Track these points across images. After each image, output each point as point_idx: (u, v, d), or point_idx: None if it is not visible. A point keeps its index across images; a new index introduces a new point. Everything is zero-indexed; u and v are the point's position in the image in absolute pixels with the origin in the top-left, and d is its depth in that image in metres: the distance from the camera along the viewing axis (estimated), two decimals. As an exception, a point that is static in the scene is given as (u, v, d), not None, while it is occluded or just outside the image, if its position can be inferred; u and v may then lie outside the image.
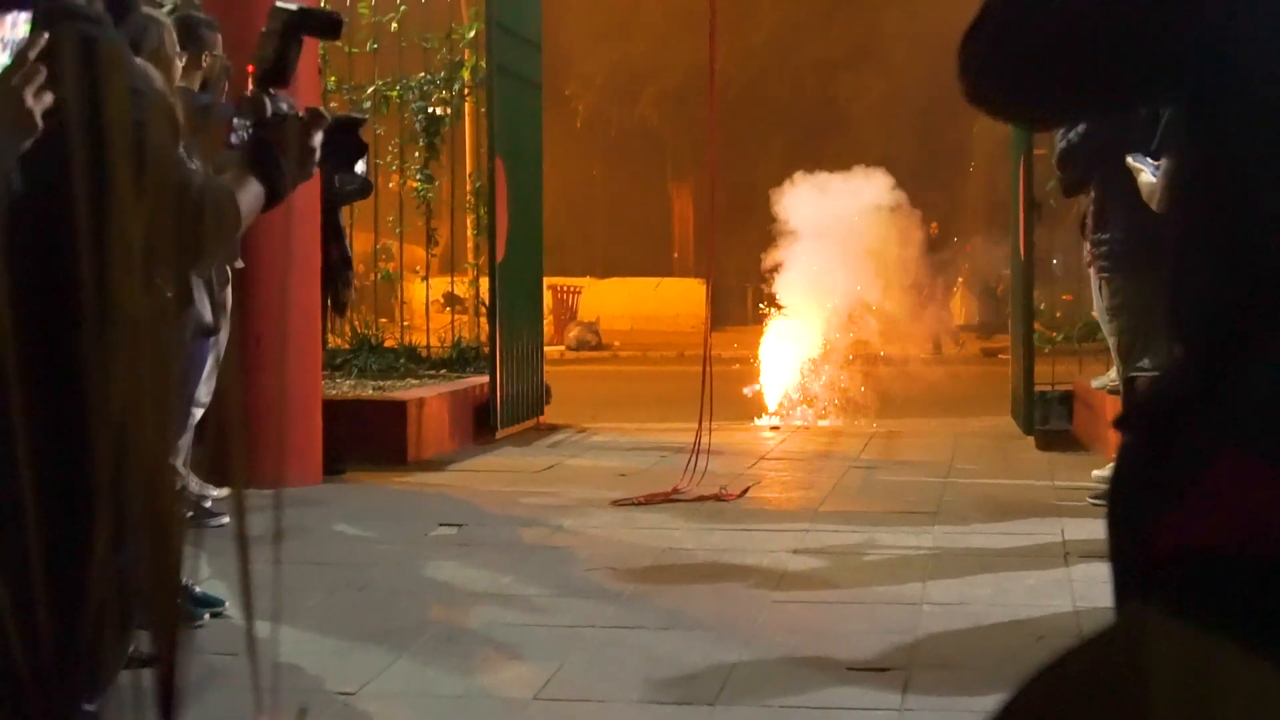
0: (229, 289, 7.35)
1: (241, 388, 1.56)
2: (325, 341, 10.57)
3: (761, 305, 17.49)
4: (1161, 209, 7.35)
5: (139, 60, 4.73)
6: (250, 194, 3.31)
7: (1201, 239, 1.78)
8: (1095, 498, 8.28)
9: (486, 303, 11.88)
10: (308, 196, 9.05)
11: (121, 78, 2.38)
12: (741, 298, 28.83)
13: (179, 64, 6.34)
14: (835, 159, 16.16)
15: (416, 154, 13.17)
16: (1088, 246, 8.74)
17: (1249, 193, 1.72)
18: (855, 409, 14.70)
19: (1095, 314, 9.74)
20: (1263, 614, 1.56)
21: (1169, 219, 1.94)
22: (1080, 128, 8.06)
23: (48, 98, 2.86)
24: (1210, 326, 1.74)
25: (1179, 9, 1.71)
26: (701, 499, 8.65)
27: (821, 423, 14.17)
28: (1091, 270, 8.78)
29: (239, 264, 7.44)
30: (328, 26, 4.12)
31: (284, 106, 3.91)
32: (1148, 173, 7.57)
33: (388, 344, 13.02)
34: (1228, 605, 1.57)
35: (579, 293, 31.08)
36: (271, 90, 3.75)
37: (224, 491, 7.60)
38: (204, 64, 7.37)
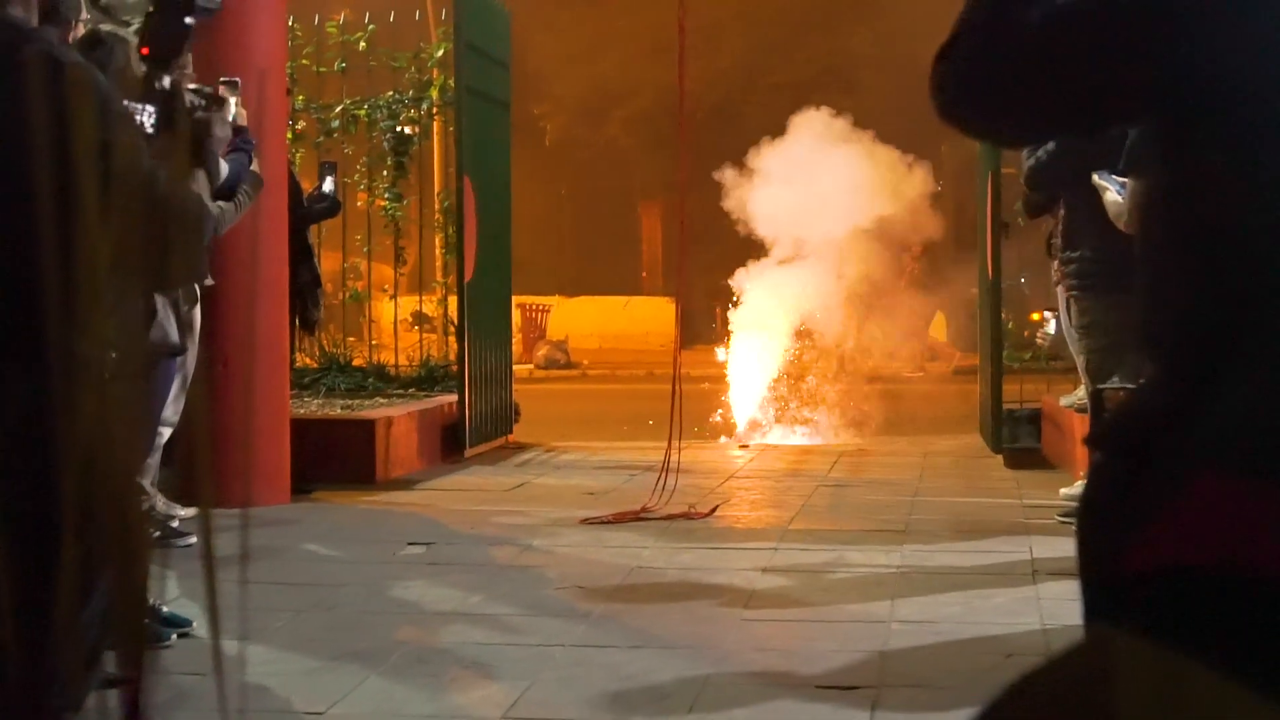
0: (197, 308, 7.34)
1: (209, 408, 1.56)
2: (294, 361, 10.55)
3: (715, 325, 17.54)
4: (1129, 228, 7.38)
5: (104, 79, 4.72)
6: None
7: (1175, 258, 1.79)
8: (1063, 516, 8.30)
9: (455, 322, 11.86)
10: (275, 216, 9.04)
11: (89, 99, 2.37)
12: (710, 317, 28.84)
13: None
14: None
15: (385, 173, 13.16)
16: (1056, 265, 8.77)
17: (1222, 211, 1.72)
18: (825, 427, 14.70)
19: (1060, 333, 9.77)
20: (1238, 631, 1.56)
21: (1142, 238, 1.94)
22: (1049, 146, 8.08)
23: None
24: (1185, 345, 1.75)
25: (1157, 30, 1.72)
26: (671, 518, 8.64)
27: (791, 440, 14.17)
28: (1060, 289, 8.81)
29: (209, 282, 7.42)
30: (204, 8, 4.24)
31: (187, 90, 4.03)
32: (1113, 191, 7.60)
33: (356, 363, 13.00)
34: (1203, 623, 1.58)
35: (548, 311, 31.04)
36: (164, 69, 3.83)
37: (191, 511, 7.57)
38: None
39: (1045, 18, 1.80)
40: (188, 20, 4.15)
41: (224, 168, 7.46)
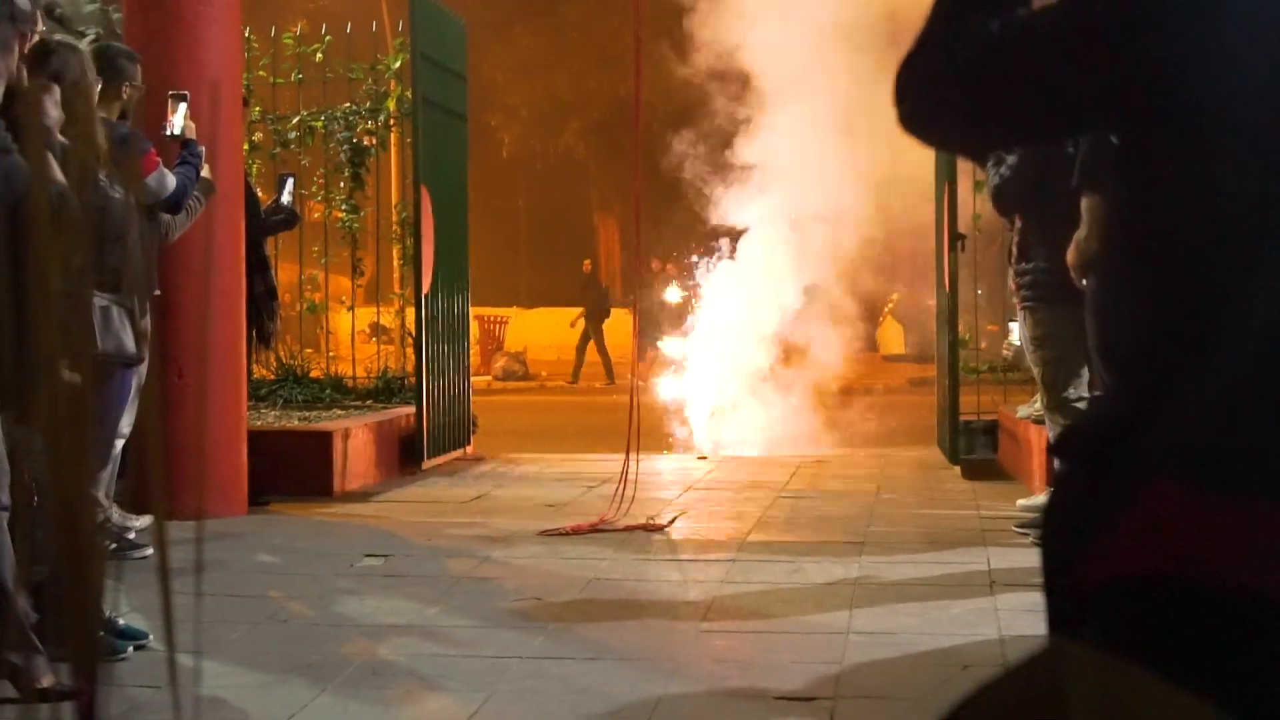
0: (148, 317, 7.31)
1: (162, 418, 1.55)
2: (250, 372, 10.50)
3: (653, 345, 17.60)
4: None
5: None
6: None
7: (1129, 268, 1.80)
8: (1020, 527, 8.33)
9: (413, 333, 11.84)
10: (230, 227, 9.01)
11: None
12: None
13: (96, 91, 6.32)
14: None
15: (342, 184, 13.13)
16: (1012, 276, 8.81)
17: (1175, 221, 1.73)
18: (782, 438, 14.73)
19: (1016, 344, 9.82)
20: (1191, 641, 1.57)
21: (1099, 249, 1.96)
22: (1011, 161, 8.13)
23: None
24: (1139, 354, 1.75)
25: (1115, 41, 1.73)
26: (629, 529, 8.64)
27: (749, 452, 14.19)
28: (1016, 300, 8.86)
29: (155, 292, 7.40)
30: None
31: None
32: (992, 172, 7.79)
33: (313, 375, 12.96)
34: (1157, 633, 1.58)
35: (505, 323, 31.05)
36: None
37: (147, 522, 7.54)
38: (124, 94, 7.35)
39: (1005, 28, 1.81)
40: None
41: (171, 180, 7.43)
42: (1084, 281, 7.60)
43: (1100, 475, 1.68)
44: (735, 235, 16.44)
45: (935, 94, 1.90)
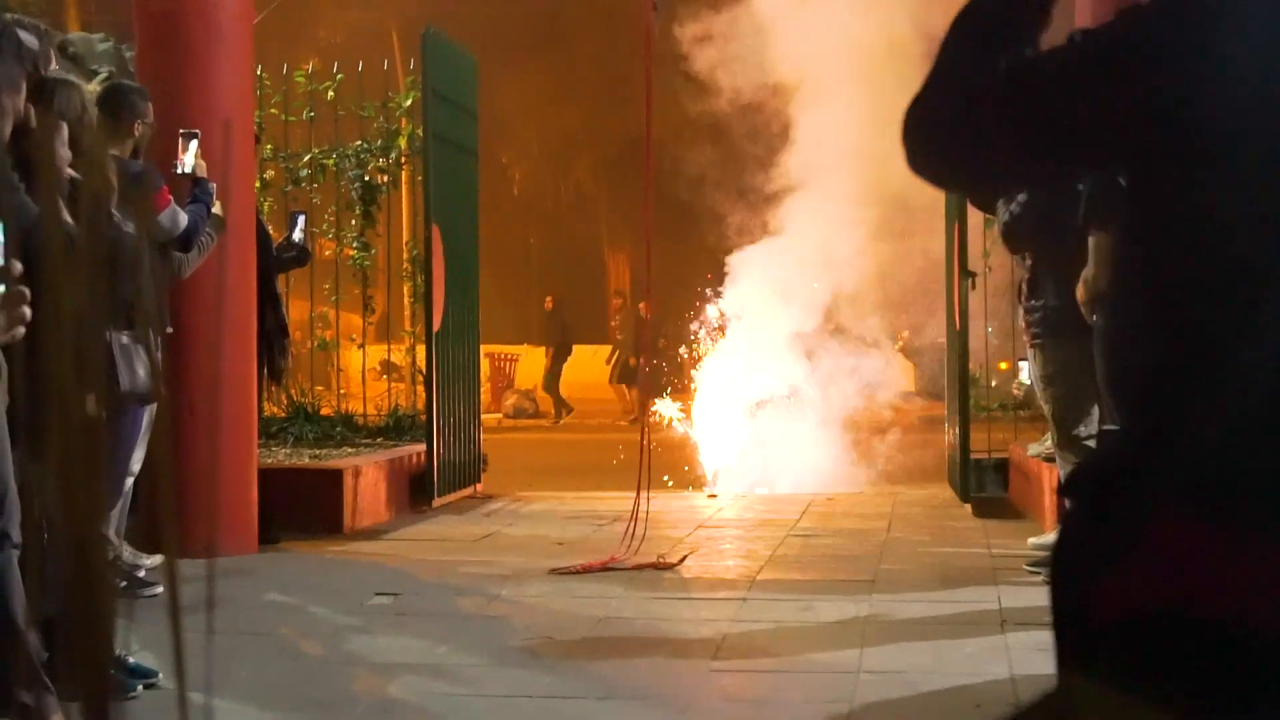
0: (160, 354, 7.31)
1: (173, 455, 1.55)
2: (261, 409, 10.51)
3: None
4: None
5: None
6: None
7: (1137, 305, 1.80)
8: (1032, 565, 8.31)
9: (423, 371, 11.84)
10: (242, 264, 9.02)
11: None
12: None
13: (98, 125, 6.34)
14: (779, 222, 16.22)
15: (353, 222, 13.15)
16: (1022, 312, 8.81)
17: (1181, 259, 1.74)
18: (791, 476, 14.71)
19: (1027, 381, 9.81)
20: (1197, 677, 1.56)
21: (1110, 286, 1.97)
22: (1021, 198, 8.13)
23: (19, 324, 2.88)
24: (1146, 391, 1.75)
25: (1121, 80, 1.74)
26: (639, 567, 8.62)
27: (759, 490, 14.17)
28: (1026, 337, 8.85)
29: (168, 329, 7.41)
30: None
31: None
32: (1002, 210, 7.78)
33: (324, 412, 12.95)
34: (1165, 670, 1.58)
35: (516, 360, 31.03)
36: None
37: (157, 560, 7.53)
38: (135, 132, 7.37)
39: (1013, 67, 1.81)
40: None
41: (183, 217, 7.45)
42: (1093, 318, 7.60)
43: (1108, 512, 1.68)
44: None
45: (943, 134, 1.90)
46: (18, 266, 2.92)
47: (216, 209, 7.83)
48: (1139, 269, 1.81)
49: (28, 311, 2.89)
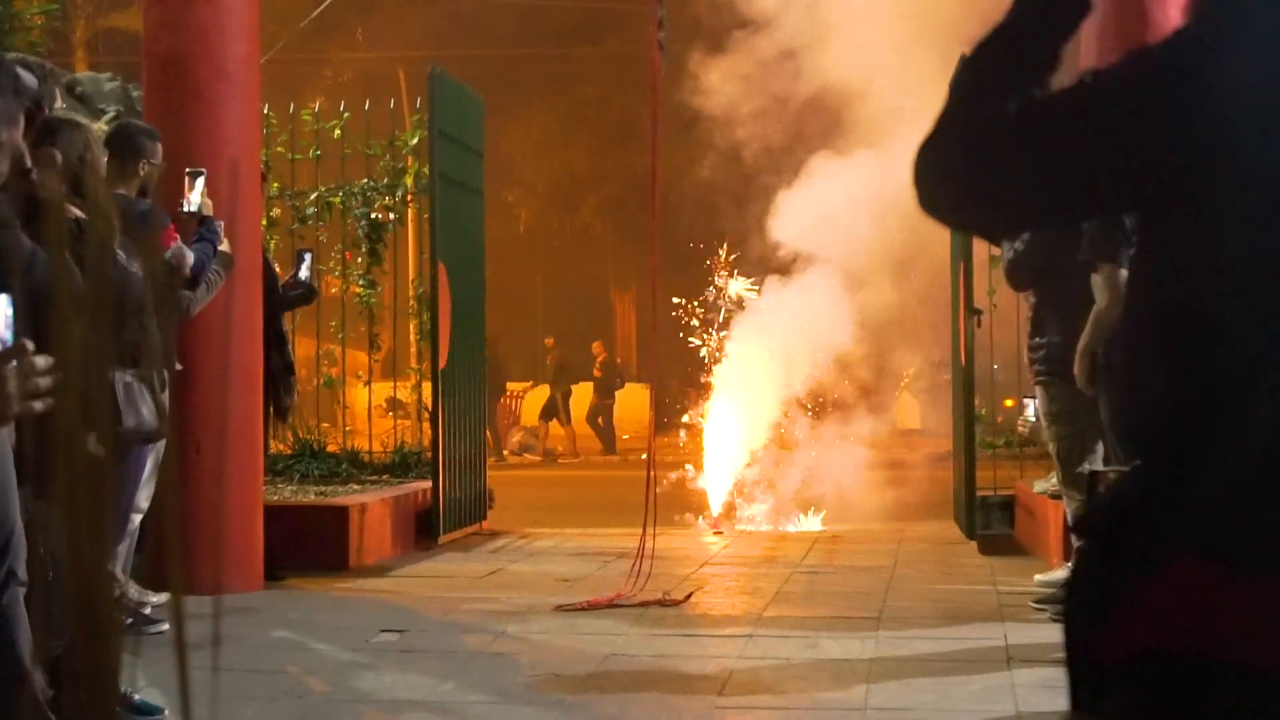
0: (166, 392, 7.33)
1: (179, 493, 1.56)
2: (267, 447, 10.52)
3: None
4: (1112, 314, 7.42)
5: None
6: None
7: (1151, 344, 1.80)
8: (1038, 602, 8.30)
9: (429, 408, 11.85)
10: (248, 302, 9.04)
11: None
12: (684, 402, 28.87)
13: (104, 165, 6.36)
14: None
15: (359, 259, 13.18)
16: (1027, 350, 8.81)
17: (1195, 297, 1.74)
18: (797, 513, 14.69)
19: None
20: (1211, 718, 1.56)
21: (1122, 325, 1.96)
22: (1025, 236, 8.15)
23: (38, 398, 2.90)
24: (1160, 430, 1.76)
25: (1131, 120, 1.74)
26: (645, 604, 8.62)
27: (765, 527, 14.16)
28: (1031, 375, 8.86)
29: (177, 367, 7.44)
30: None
31: None
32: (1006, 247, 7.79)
33: (330, 449, 12.96)
34: (1179, 709, 1.58)
35: (522, 398, 31.02)
36: None
37: (163, 598, 7.53)
38: (141, 171, 7.39)
39: (1022, 109, 1.82)
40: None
41: (189, 256, 7.48)
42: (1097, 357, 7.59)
43: (1122, 551, 1.68)
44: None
45: (953, 175, 1.91)
46: (29, 345, 2.93)
47: (225, 247, 7.85)
48: (1151, 310, 1.81)
49: (43, 383, 2.90)
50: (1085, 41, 9.49)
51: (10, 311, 3.09)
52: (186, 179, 7.86)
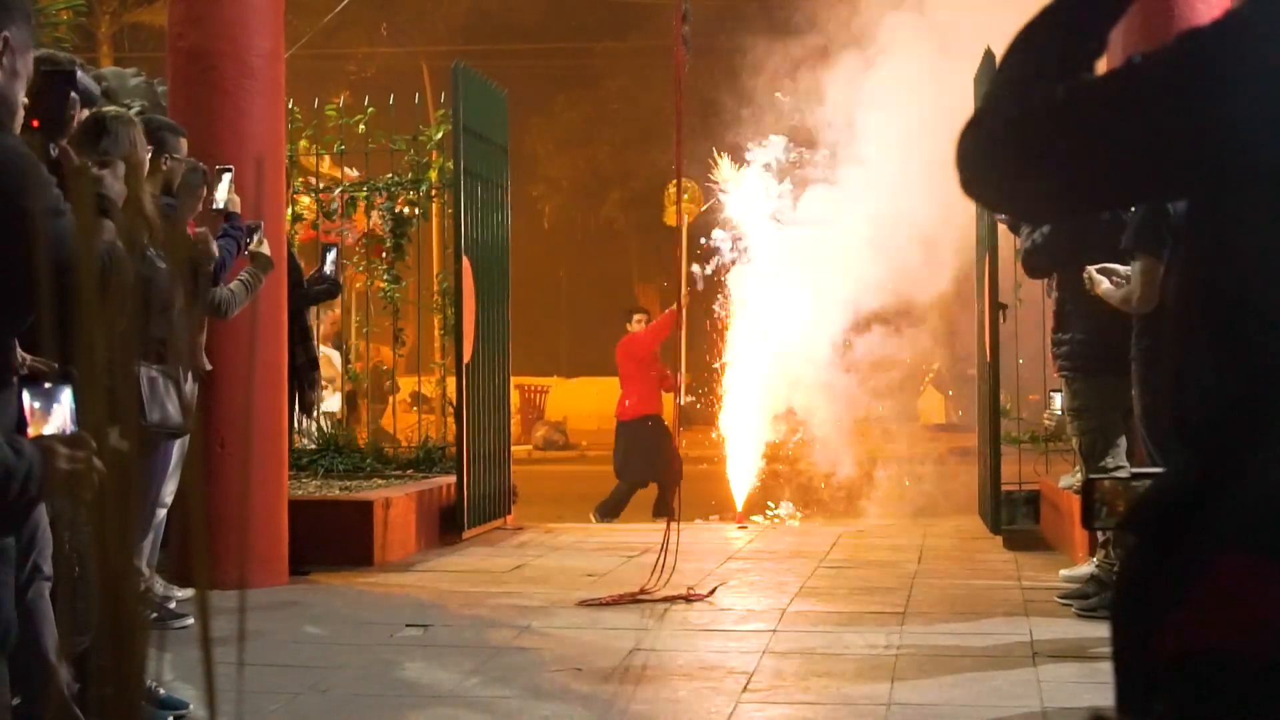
0: (192, 386, 7.35)
1: (204, 488, 1.56)
2: (291, 442, 10.54)
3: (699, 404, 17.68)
4: (1141, 308, 7.26)
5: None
6: None
7: (1202, 336, 1.78)
8: (1063, 598, 8.28)
9: (454, 402, 11.86)
10: (274, 298, 9.05)
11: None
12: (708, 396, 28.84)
13: (146, 164, 6.36)
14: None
15: (384, 254, 13.19)
16: (1051, 345, 8.79)
17: (1246, 288, 1.71)
18: (823, 507, 14.68)
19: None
20: (1262, 717, 1.55)
21: (1171, 317, 1.94)
22: (1045, 228, 8.12)
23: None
24: (1212, 423, 1.74)
25: (1180, 106, 1.72)
26: (669, 599, 8.61)
27: (790, 522, 14.15)
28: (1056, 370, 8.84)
29: (208, 368, 7.48)
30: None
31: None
32: (1107, 284, 7.60)
33: (356, 443, 12.98)
34: (1228, 708, 1.56)
35: (546, 392, 31.08)
36: (55, 137, 4.28)
37: (189, 593, 7.55)
38: (163, 167, 7.38)
39: (1070, 93, 1.80)
40: (72, 95, 4.72)
41: (214, 246, 7.48)
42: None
43: (1171, 547, 1.66)
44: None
45: (998, 159, 1.89)
46: (91, 442, 2.95)
47: (265, 248, 7.85)
48: (1201, 301, 1.79)
49: (97, 462, 2.92)
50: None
51: (74, 405, 3.11)
52: (214, 174, 7.87)
